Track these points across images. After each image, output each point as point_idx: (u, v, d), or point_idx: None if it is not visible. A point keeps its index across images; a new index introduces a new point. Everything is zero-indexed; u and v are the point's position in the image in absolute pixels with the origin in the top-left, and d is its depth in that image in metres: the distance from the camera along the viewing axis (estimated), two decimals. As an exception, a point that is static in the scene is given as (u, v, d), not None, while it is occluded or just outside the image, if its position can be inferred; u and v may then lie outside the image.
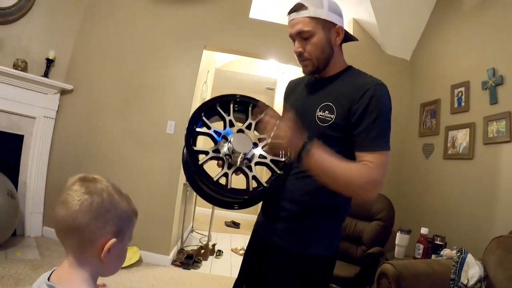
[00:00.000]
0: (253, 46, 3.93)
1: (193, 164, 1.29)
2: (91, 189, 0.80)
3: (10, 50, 3.39)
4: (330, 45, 1.29)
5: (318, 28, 1.26)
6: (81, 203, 0.77)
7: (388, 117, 1.23)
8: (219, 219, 6.17)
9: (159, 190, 3.67)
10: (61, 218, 0.78)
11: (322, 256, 1.29)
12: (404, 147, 3.86)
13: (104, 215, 0.79)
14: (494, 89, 2.68)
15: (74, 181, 0.82)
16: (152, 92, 3.79)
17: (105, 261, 0.79)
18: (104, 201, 0.80)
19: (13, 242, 3.21)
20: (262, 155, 1.35)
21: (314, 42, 1.27)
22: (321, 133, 1.24)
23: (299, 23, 1.26)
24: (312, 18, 1.25)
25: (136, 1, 3.88)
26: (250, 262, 1.47)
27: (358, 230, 3.24)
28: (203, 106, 1.38)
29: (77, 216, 0.77)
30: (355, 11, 4.01)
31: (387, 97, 1.24)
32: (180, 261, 3.68)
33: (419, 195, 3.53)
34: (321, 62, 1.30)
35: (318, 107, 1.27)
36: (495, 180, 2.61)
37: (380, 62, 3.99)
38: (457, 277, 2.13)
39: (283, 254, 1.28)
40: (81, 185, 0.80)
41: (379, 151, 1.19)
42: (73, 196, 0.78)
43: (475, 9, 3.08)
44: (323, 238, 1.29)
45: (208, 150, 1.31)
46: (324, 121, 1.24)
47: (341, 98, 1.24)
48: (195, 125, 1.35)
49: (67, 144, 3.75)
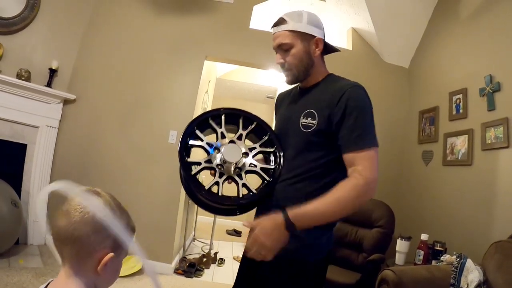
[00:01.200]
0: (253, 56, 3.98)
1: (186, 174, 1.36)
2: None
3: (14, 60, 3.43)
4: (309, 55, 1.37)
5: (296, 41, 1.34)
6: (83, 215, 0.78)
7: (368, 115, 1.27)
8: (220, 228, 6.17)
9: (161, 199, 3.69)
10: (61, 228, 0.78)
11: (313, 260, 1.32)
12: (403, 154, 3.88)
13: (105, 229, 0.79)
14: (491, 96, 2.71)
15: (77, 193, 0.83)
16: (154, 102, 3.83)
17: (101, 274, 0.79)
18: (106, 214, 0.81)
19: (16, 250, 3.23)
20: (253, 163, 1.41)
21: (293, 53, 1.35)
22: (305, 139, 1.31)
23: (279, 36, 1.36)
24: (291, 31, 1.34)
25: (138, 12, 3.94)
26: (245, 268, 1.50)
27: (359, 237, 3.26)
28: (195, 121, 1.45)
29: (77, 227, 0.77)
30: (354, 20, 4.07)
31: (363, 95, 1.29)
32: (182, 270, 3.68)
33: (419, 202, 3.54)
34: (301, 71, 1.38)
35: (301, 114, 1.34)
36: (493, 186, 2.63)
37: (379, 70, 4.03)
38: (457, 282, 2.14)
39: (275, 259, 1.21)
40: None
41: (365, 149, 1.22)
42: (75, 208, 0.79)
43: (471, 17, 3.12)
44: (314, 243, 1.31)
45: (201, 161, 1.38)
46: (307, 127, 1.31)
47: (321, 105, 1.30)
48: (188, 138, 1.42)
49: (70, 153, 3.77)
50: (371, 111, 1.29)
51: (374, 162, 1.22)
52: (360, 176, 1.19)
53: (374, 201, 3.33)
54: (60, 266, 0.82)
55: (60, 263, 0.82)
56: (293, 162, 1.35)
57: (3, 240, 2.98)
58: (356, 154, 1.22)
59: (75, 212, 0.78)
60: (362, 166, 1.20)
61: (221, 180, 1.36)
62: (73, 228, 0.77)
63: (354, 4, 3.80)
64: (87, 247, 0.78)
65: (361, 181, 1.18)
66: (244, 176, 1.38)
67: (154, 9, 3.94)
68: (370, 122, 1.27)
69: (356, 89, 1.28)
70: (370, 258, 2.92)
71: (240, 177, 1.37)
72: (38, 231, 3.57)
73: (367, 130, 1.25)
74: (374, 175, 1.20)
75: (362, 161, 1.21)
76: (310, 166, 1.30)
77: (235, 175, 1.37)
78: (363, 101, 1.28)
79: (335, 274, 2.85)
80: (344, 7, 4.01)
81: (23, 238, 3.46)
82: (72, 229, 0.77)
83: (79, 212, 0.78)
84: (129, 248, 0.85)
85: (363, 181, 1.18)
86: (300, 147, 1.33)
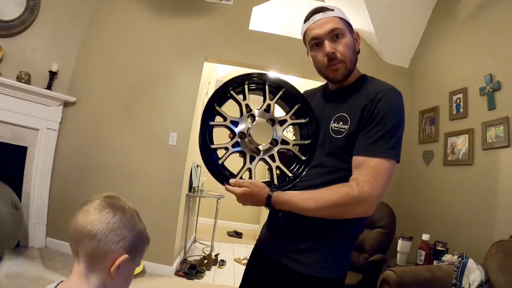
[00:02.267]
0: (253, 57, 3.98)
1: (213, 164, 1.23)
2: (115, 204, 0.84)
3: (14, 62, 3.44)
4: (355, 49, 1.24)
5: (346, 30, 1.21)
6: (102, 214, 0.80)
7: (397, 122, 1.11)
8: (221, 229, 6.18)
9: (162, 201, 3.69)
10: (79, 224, 0.80)
11: (333, 278, 1.18)
12: (404, 155, 3.80)
13: (122, 230, 0.81)
14: (491, 95, 2.70)
15: (98, 197, 0.85)
16: (154, 104, 3.83)
17: (114, 277, 0.80)
18: (125, 217, 0.83)
19: (17, 253, 3.23)
20: (284, 140, 1.27)
21: (346, 42, 1.20)
22: (335, 145, 1.18)
23: (329, 22, 1.19)
24: (340, 19, 1.21)
25: (138, 14, 3.95)
26: (253, 278, 1.38)
27: (360, 238, 3.25)
28: (215, 95, 1.24)
29: (96, 224, 0.79)
30: (353, 21, 4.05)
31: (397, 101, 1.13)
32: (183, 271, 3.69)
33: (420, 202, 3.53)
34: (352, 65, 1.22)
35: (332, 118, 1.21)
36: (494, 185, 2.62)
37: (379, 70, 4.02)
38: (459, 282, 2.13)
39: (293, 276, 1.17)
40: (105, 200, 0.84)
41: (378, 158, 1.07)
42: (95, 207, 0.81)
43: (470, 16, 3.12)
44: (334, 259, 1.18)
45: (228, 146, 1.23)
46: (338, 132, 1.18)
47: (354, 108, 1.16)
48: (209, 120, 1.24)
49: (70, 155, 3.78)
50: (400, 118, 1.12)
51: (380, 177, 1.07)
52: (356, 187, 1.06)
53: (375, 202, 3.32)
54: (62, 269, 0.82)
55: (61, 266, 0.82)
56: (319, 168, 1.22)
57: (4, 243, 2.98)
58: (365, 159, 1.09)
59: (94, 210, 0.81)
60: (364, 177, 1.06)
61: (253, 166, 1.23)
62: (92, 225, 0.79)
63: (353, 4, 3.80)
64: (104, 246, 0.79)
65: (355, 193, 1.05)
66: (276, 157, 1.24)
67: (153, 11, 3.94)
68: (395, 130, 1.10)
69: (391, 91, 1.14)
70: (371, 258, 2.91)
71: (273, 159, 1.24)
72: (39, 234, 3.58)
73: (387, 138, 1.09)
74: (374, 192, 1.06)
75: (367, 171, 1.07)
76: (336, 175, 1.17)
77: (268, 157, 1.24)
78: (394, 105, 1.12)
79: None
80: (343, 8, 4.00)
81: (24, 240, 3.46)
82: (91, 226, 0.79)
83: (98, 210, 0.81)
84: (143, 254, 0.90)
85: (357, 193, 1.05)
86: (327, 151, 1.20)
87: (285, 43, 4.00)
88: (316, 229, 1.17)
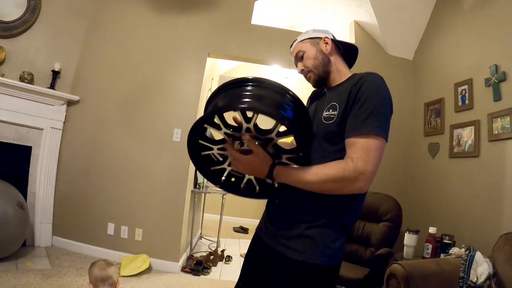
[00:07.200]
0: (256, 52, 3.95)
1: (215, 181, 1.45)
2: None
3: (17, 63, 3.44)
4: (322, 53, 1.42)
5: (307, 46, 1.44)
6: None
7: (380, 101, 1.18)
8: (227, 225, 6.18)
9: (167, 198, 3.69)
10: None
11: (326, 266, 1.24)
12: (409, 147, 3.85)
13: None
14: (497, 86, 2.68)
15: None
16: (158, 101, 3.82)
17: None
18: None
19: (24, 252, 3.25)
20: (275, 154, 1.29)
21: (307, 56, 1.43)
22: (325, 130, 1.26)
23: (295, 49, 1.48)
24: (301, 42, 1.47)
25: (140, 11, 3.94)
26: (250, 266, 1.50)
27: (366, 231, 3.24)
28: (192, 132, 1.29)
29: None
30: (356, 13, 4.03)
31: (379, 82, 1.22)
32: (189, 268, 3.69)
33: (426, 195, 3.51)
34: (320, 69, 1.40)
35: (325, 108, 1.30)
36: (501, 177, 2.60)
37: (383, 63, 4.01)
38: (466, 275, 2.12)
39: (287, 262, 1.24)
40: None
41: (367, 136, 1.14)
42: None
43: (475, 7, 3.08)
44: (325, 246, 1.23)
45: (225, 167, 1.39)
46: (328, 119, 1.26)
47: (341, 96, 1.26)
48: (200, 152, 1.37)
49: (75, 154, 3.79)
50: (384, 98, 1.20)
51: (372, 154, 1.13)
52: (351, 163, 1.12)
53: (380, 195, 3.31)
54: (68, 268, 0.85)
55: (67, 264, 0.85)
56: (314, 154, 1.27)
57: (10, 242, 3.00)
58: (355, 140, 1.15)
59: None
60: (357, 155, 1.13)
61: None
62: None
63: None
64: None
65: (351, 168, 1.12)
66: (284, 158, 1.28)
67: (155, 7, 3.92)
68: (381, 109, 1.17)
69: (372, 75, 1.23)
70: (378, 252, 2.90)
71: (280, 158, 1.28)
72: (45, 233, 3.60)
73: (374, 117, 1.15)
74: (368, 167, 1.12)
75: (358, 149, 1.14)
76: (330, 158, 1.22)
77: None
78: (377, 85, 1.20)
79: (343, 270, 2.80)
80: (346, 0, 3.97)
81: (30, 240, 3.49)
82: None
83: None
84: None
85: (353, 169, 1.12)
86: (320, 138, 1.27)
87: (287, 37, 3.96)
88: (309, 215, 1.26)
